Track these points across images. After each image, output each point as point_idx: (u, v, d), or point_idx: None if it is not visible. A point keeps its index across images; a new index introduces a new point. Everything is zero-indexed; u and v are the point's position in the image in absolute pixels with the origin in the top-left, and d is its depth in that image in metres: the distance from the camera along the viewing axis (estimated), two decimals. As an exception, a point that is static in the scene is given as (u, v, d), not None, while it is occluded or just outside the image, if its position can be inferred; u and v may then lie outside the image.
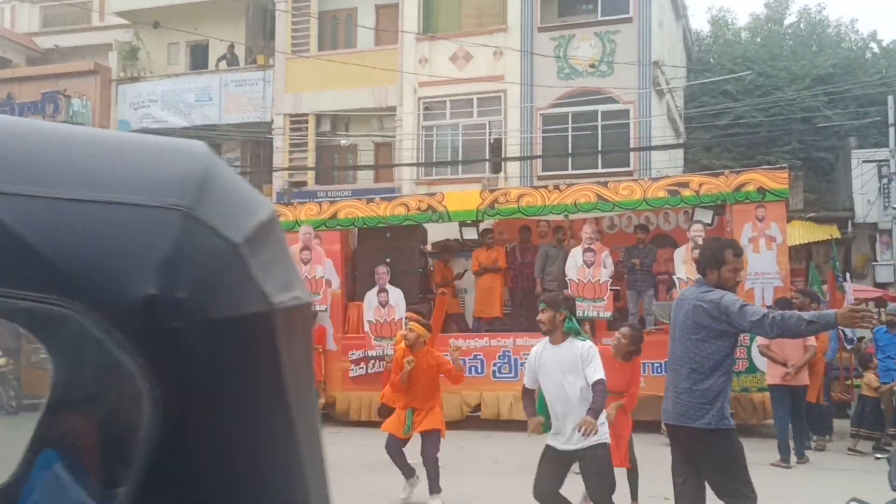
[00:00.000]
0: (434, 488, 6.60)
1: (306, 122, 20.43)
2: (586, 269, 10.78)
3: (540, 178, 17.07)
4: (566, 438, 4.94)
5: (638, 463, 6.41)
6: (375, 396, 9.77)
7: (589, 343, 5.10)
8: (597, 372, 4.88)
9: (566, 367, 4.97)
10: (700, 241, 10.15)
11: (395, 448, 6.79)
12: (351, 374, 11.63)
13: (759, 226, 10.53)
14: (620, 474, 5.54)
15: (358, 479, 7.47)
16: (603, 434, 4.95)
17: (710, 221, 10.89)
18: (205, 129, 21.41)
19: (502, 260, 11.96)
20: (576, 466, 5.17)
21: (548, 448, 5.07)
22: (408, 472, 6.84)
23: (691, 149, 21.99)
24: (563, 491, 5.03)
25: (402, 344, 6.85)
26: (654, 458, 8.53)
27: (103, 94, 22.78)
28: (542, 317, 5.06)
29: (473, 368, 11.24)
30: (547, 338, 5.14)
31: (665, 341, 9.76)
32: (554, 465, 5.02)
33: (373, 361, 11.52)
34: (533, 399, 5.29)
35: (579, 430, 4.68)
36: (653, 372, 10.68)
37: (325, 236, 11.84)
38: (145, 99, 22.04)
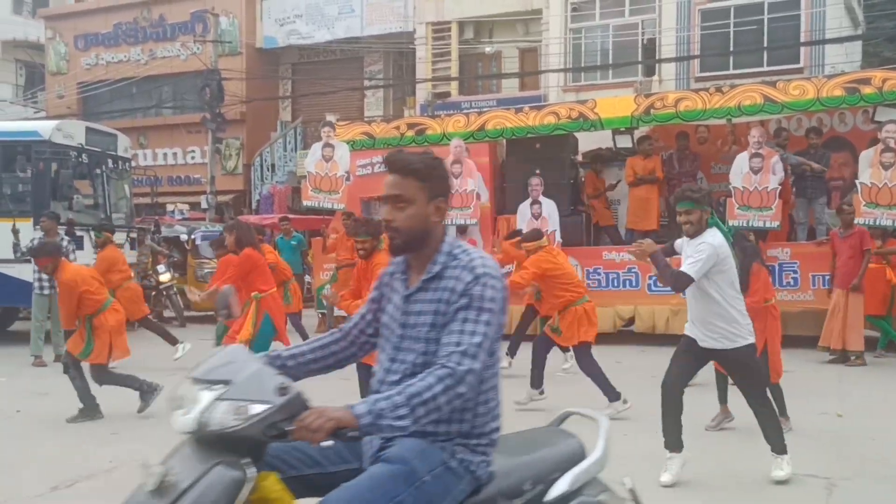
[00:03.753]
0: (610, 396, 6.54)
1: (449, 30, 20.15)
2: (753, 177, 10.10)
3: (697, 79, 16.18)
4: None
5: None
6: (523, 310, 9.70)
7: (709, 240, 4.49)
8: (687, 265, 4.50)
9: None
10: (892, 144, 9.16)
11: (541, 348, 6.81)
12: (501, 286, 11.63)
13: (950, 126, 9.55)
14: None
15: (507, 389, 7.41)
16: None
17: (896, 120, 9.92)
18: (347, 41, 21.57)
19: (659, 169, 11.40)
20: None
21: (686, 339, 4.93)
22: (536, 380, 6.76)
23: (872, 41, 20.04)
24: None
25: None
26: (822, 375, 8.09)
27: (249, 11, 23.29)
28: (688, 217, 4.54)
29: (628, 282, 10.97)
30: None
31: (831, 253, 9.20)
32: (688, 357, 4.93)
33: (523, 274, 11.47)
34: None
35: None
36: (822, 284, 10.00)
37: (473, 148, 11.67)
38: (290, 14, 22.38)
